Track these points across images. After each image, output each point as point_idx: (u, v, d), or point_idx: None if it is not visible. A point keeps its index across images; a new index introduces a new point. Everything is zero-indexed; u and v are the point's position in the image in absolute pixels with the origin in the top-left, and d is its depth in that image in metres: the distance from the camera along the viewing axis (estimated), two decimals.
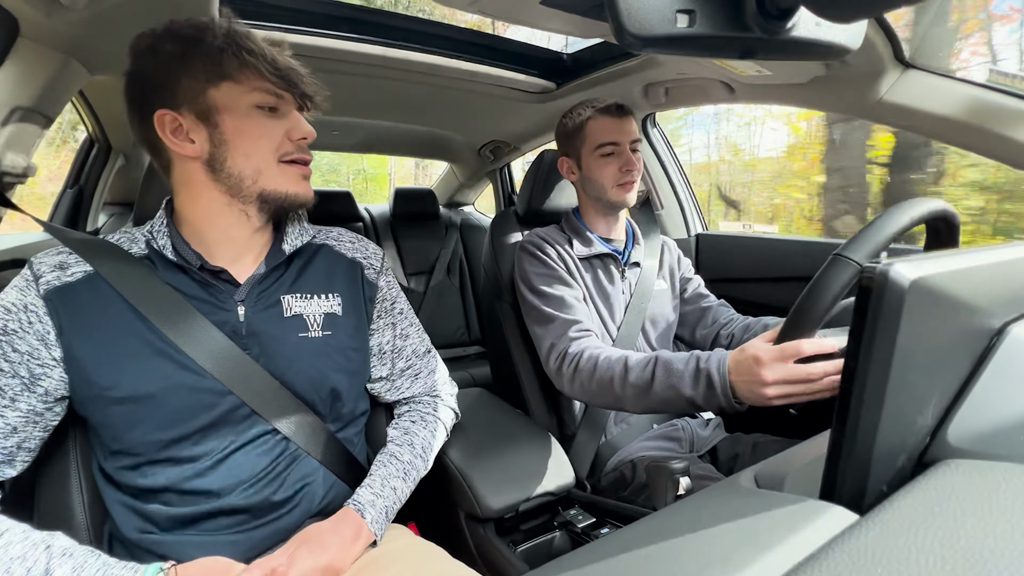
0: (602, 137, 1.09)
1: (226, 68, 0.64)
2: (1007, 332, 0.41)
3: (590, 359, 0.90)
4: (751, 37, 0.39)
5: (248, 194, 0.68)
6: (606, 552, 0.36)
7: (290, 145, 0.70)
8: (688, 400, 0.76)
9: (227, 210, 0.69)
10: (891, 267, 0.33)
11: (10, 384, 0.61)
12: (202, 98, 0.64)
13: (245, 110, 0.66)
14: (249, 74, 0.65)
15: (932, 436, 0.38)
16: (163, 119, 0.64)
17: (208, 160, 0.66)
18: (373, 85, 1.45)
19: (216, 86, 0.64)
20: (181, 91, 0.64)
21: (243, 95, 0.66)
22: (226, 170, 0.67)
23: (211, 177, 0.67)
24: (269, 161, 0.68)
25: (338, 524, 0.68)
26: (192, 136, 0.65)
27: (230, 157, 0.66)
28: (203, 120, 0.65)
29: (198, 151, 0.66)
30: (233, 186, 0.68)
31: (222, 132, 0.65)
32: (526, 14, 0.84)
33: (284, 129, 0.69)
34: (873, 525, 0.30)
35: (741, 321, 1.13)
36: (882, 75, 0.96)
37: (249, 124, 0.66)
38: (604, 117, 1.09)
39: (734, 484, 0.44)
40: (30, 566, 0.54)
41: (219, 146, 0.66)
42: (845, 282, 0.60)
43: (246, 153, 0.67)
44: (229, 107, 0.65)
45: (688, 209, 1.75)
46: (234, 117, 0.66)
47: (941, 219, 0.71)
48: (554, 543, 0.95)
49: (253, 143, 0.67)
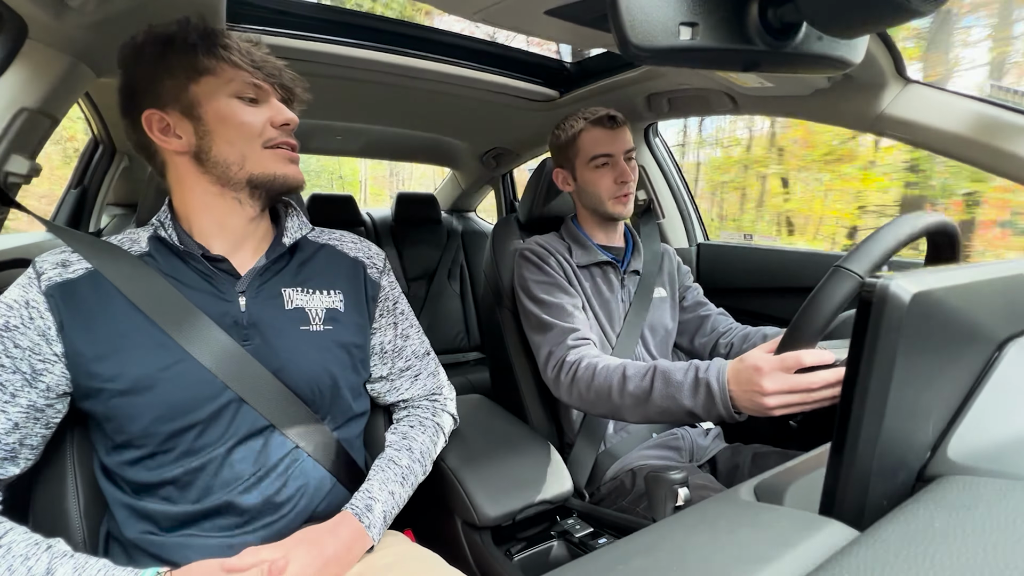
0: (595, 149, 1.09)
1: (203, 63, 0.67)
2: (1008, 348, 0.41)
3: (588, 367, 0.90)
4: (754, 50, 0.39)
5: (237, 180, 0.70)
6: (604, 564, 0.35)
7: (273, 131, 0.71)
8: (687, 410, 0.76)
9: (220, 200, 0.71)
10: (892, 281, 0.33)
11: (11, 380, 0.61)
12: (184, 95, 0.67)
13: (225, 100, 0.68)
14: (225, 66, 0.68)
15: (932, 451, 0.38)
16: (150, 119, 0.68)
17: (195, 153, 0.69)
18: (377, 91, 1.46)
19: (196, 81, 0.67)
20: (164, 91, 0.67)
21: (222, 86, 0.68)
22: (212, 159, 0.69)
23: (200, 169, 0.70)
24: (253, 146, 0.70)
25: (336, 527, 0.68)
26: (179, 132, 0.68)
27: (215, 146, 0.68)
28: (187, 115, 0.68)
29: (185, 145, 0.68)
30: (221, 175, 0.69)
31: (205, 123, 0.68)
32: (531, 24, 0.85)
33: (266, 116, 0.71)
34: (873, 541, 0.30)
35: (740, 330, 1.13)
36: (883, 89, 0.96)
37: (229, 112, 0.68)
38: (596, 128, 1.09)
39: (734, 497, 0.43)
40: (32, 565, 0.56)
41: (204, 137, 0.68)
42: (846, 294, 0.60)
43: (229, 140, 0.69)
44: (210, 99, 0.68)
45: (690, 218, 1.75)
46: (216, 108, 0.68)
47: (942, 233, 0.71)
48: (551, 552, 0.94)
49: (235, 130, 0.69)
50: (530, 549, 0.92)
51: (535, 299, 1.05)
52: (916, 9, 0.33)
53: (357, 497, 0.72)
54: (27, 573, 0.55)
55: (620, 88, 1.39)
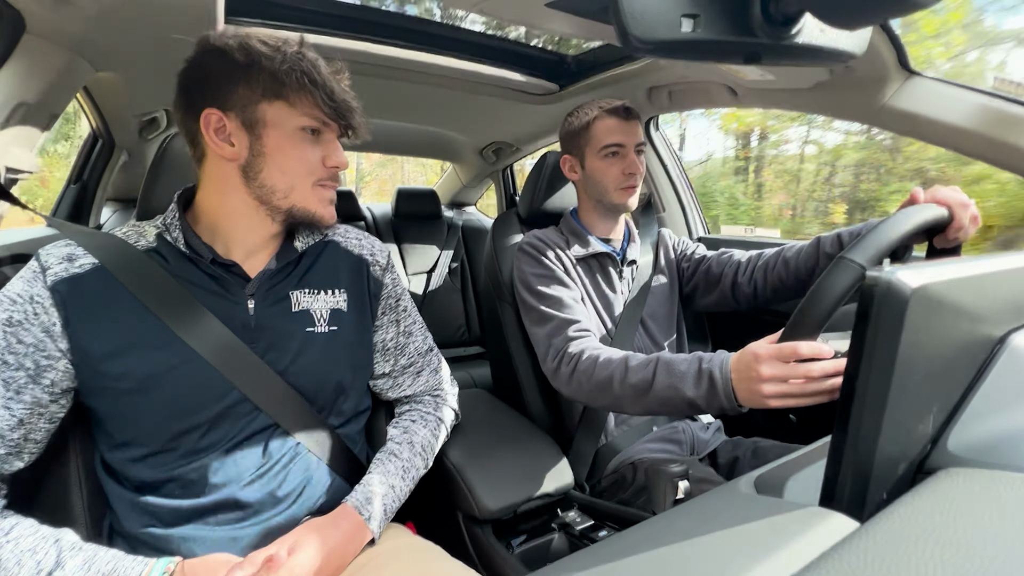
0: (608, 138, 1.08)
1: (286, 90, 0.66)
2: (1008, 341, 0.41)
3: (589, 359, 0.90)
4: (756, 42, 0.39)
5: (276, 206, 0.70)
6: (605, 556, 0.36)
7: (324, 172, 0.72)
8: (689, 401, 0.76)
9: (253, 213, 0.71)
10: (894, 274, 0.33)
11: (16, 376, 0.61)
12: (252, 109, 0.66)
13: (291, 131, 0.68)
14: (306, 100, 0.67)
15: (933, 444, 0.38)
16: (209, 118, 0.66)
17: (244, 166, 0.68)
18: (376, 85, 1.45)
19: (270, 102, 0.67)
20: (235, 97, 0.66)
21: (292, 117, 0.67)
22: (260, 180, 0.69)
23: (244, 182, 0.69)
24: (303, 181, 0.70)
25: (337, 519, 0.68)
26: (233, 140, 0.67)
27: (266, 169, 0.68)
28: (247, 128, 0.67)
29: (235, 155, 0.67)
30: (264, 196, 0.70)
31: (263, 145, 0.67)
32: (531, 15, 0.84)
33: (322, 155, 0.71)
34: (873, 533, 0.30)
35: (754, 262, 1.09)
36: (886, 81, 0.96)
37: (291, 144, 0.68)
38: (611, 118, 1.09)
39: (734, 489, 0.44)
40: (40, 559, 0.56)
41: (257, 156, 0.68)
42: (849, 285, 0.60)
43: (282, 170, 0.69)
44: (276, 124, 0.67)
45: (690, 212, 1.75)
46: (279, 135, 0.67)
47: (945, 226, 0.71)
48: (552, 545, 0.95)
49: (291, 163, 0.69)
50: (531, 541, 0.93)
51: (534, 292, 1.05)
52: (919, 0, 0.32)
53: (358, 490, 0.73)
54: (36, 566, 0.55)
55: (621, 81, 1.38)
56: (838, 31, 0.41)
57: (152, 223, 0.73)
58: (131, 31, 0.66)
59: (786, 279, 1.02)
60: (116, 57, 0.96)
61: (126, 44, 0.66)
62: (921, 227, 0.68)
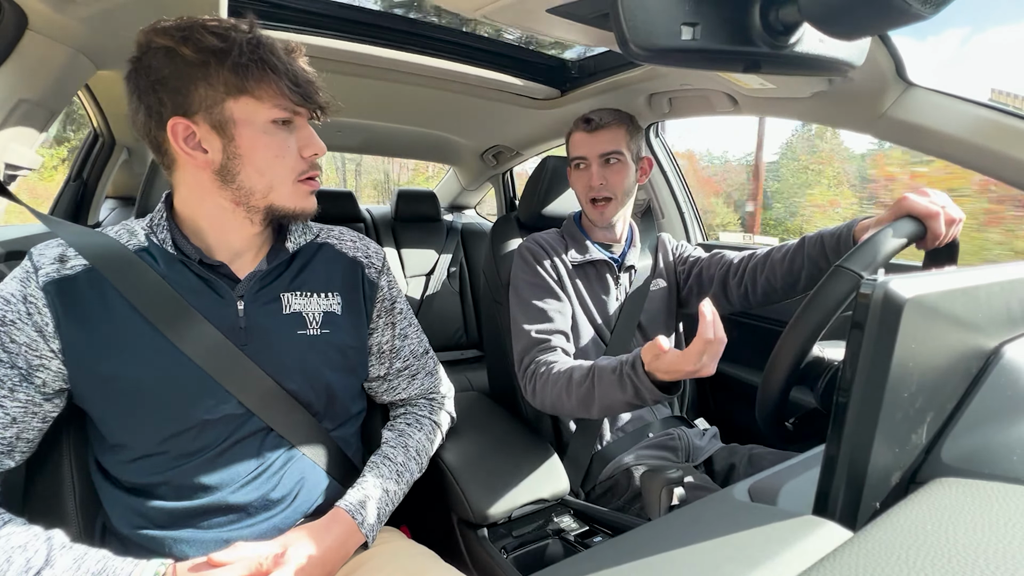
0: (574, 151, 1.12)
1: (249, 83, 0.63)
2: (1002, 352, 0.42)
3: (545, 374, 0.94)
4: (755, 51, 0.39)
5: (255, 206, 0.68)
6: (599, 562, 0.36)
7: (303, 164, 0.69)
8: (626, 403, 0.82)
9: (230, 215, 0.69)
10: (889, 283, 0.33)
11: (8, 375, 0.61)
12: (218, 109, 0.63)
13: (262, 125, 0.65)
14: (271, 91, 0.64)
15: (926, 454, 0.38)
16: (176, 128, 0.63)
17: (219, 170, 0.65)
18: (378, 87, 1.45)
19: (235, 99, 0.63)
20: (197, 98, 0.62)
21: (261, 111, 0.64)
22: (237, 183, 0.66)
23: (220, 185, 0.66)
24: (283, 180, 0.68)
25: (329, 524, 0.68)
26: (205, 146, 0.64)
27: (243, 171, 0.66)
28: (218, 131, 0.64)
29: (210, 161, 0.65)
30: (242, 197, 0.67)
31: (237, 146, 0.64)
32: (533, 21, 0.85)
33: (297, 145, 0.69)
34: (866, 542, 0.30)
35: (745, 263, 1.08)
36: (884, 92, 0.96)
37: (265, 141, 0.65)
38: (577, 131, 1.11)
39: (728, 497, 0.44)
40: (30, 556, 0.55)
41: (232, 159, 0.65)
42: (846, 293, 0.60)
43: (260, 170, 0.66)
44: (246, 121, 0.64)
45: (689, 218, 1.75)
46: (251, 132, 0.65)
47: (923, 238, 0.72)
48: (547, 550, 0.94)
49: (268, 162, 0.66)
50: (525, 547, 0.92)
51: (520, 299, 1.07)
52: (918, 12, 0.33)
53: (351, 494, 0.72)
54: (25, 564, 0.55)
55: (621, 87, 1.39)
56: (837, 41, 0.42)
57: (141, 223, 0.71)
58: (135, 30, 0.65)
59: (774, 280, 1.03)
60: (118, 55, 0.95)
61: (128, 42, 0.66)
62: (917, 237, 0.69)
